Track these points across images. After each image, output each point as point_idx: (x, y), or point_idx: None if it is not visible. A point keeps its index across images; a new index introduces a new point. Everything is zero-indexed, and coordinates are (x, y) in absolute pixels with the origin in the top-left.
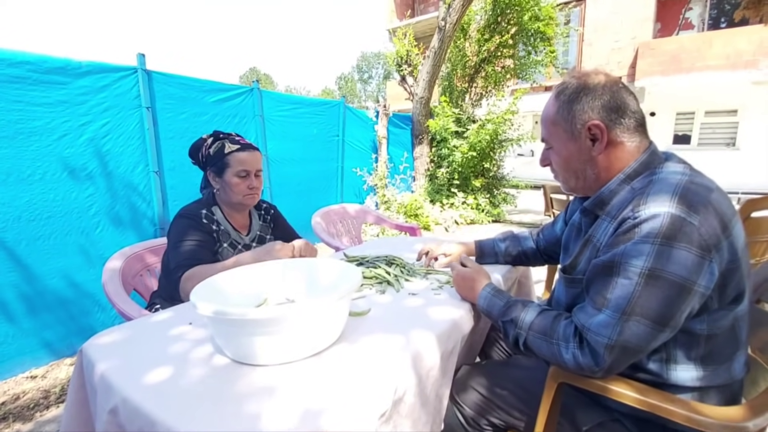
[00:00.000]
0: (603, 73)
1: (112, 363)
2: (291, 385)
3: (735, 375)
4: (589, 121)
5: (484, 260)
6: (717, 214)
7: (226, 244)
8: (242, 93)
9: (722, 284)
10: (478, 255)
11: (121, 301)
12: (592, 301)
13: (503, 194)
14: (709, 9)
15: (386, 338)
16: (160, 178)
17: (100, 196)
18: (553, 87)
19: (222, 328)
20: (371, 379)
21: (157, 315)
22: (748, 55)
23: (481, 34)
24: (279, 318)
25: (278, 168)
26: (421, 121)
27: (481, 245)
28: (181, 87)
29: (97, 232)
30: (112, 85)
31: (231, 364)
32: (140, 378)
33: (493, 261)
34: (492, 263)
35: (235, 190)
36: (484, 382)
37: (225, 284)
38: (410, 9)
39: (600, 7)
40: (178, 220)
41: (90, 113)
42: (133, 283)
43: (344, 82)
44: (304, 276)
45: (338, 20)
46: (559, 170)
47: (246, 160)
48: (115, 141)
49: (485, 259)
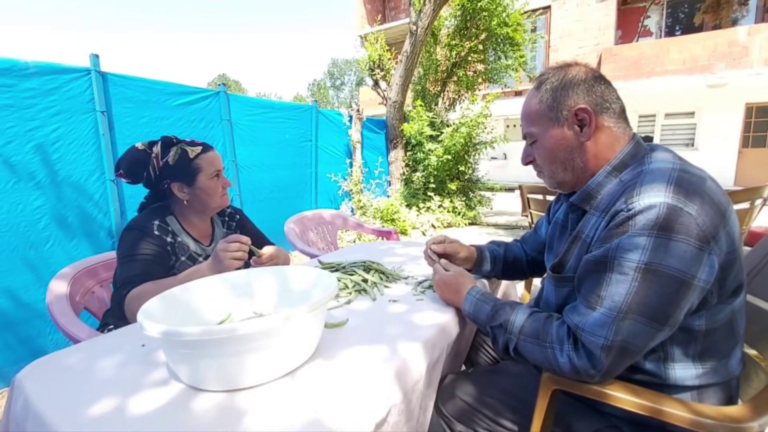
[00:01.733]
0: (582, 63)
1: (48, 395)
2: (260, 411)
3: (732, 371)
4: (576, 106)
5: (483, 266)
6: (713, 203)
7: (184, 258)
8: (208, 96)
9: (722, 277)
10: (477, 260)
11: (67, 323)
12: (585, 299)
13: (479, 197)
14: (665, 17)
15: (367, 351)
16: (117, 186)
17: (51, 207)
18: (525, 91)
19: (176, 351)
20: (351, 400)
21: (105, 337)
22: (703, 60)
23: (452, 39)
24: (244, 336)
25: (248, 174)
26: (396, 125)
27: (479, 250)
28: (141, 90)
29: (48, 247)
30: (63, 88)
31: (189, 392)
32: (81, 411)
33: (490, 268)
34: (488, 273)
35: (211, 194)
36: (471, 391)
37: (181, 300)
38: (381, 15)
39: (564, 15)
40: (127, 232)
41: (38, 118)
42: (83, 302)
43: (316, 89)
44: (274, 286)
45: (309, 27)
46: (544, 163)
47: (216, 159)
48: (67, 147)
49: (484, 266)
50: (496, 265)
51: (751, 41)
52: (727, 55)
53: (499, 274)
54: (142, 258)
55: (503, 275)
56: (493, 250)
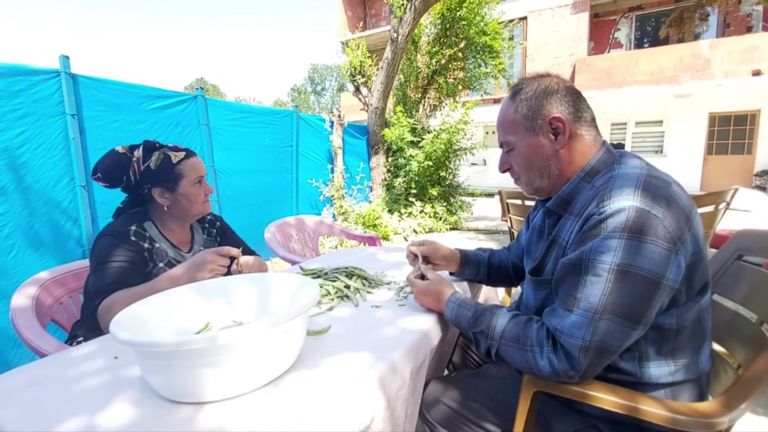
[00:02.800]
0: (554, 74)
1: (11, 414)
2: (241, 423)
3: (702, 368)
4: (550, 115)
5: (467, 269)
6: (678, 206)
7: (162, 264)
8: (185, 100)
9: (688, 276)
10: (461, 262)
11: (33, 336)
12: (562, 302)
13: (459, 202)
14: (634, 30)
15: (350, 358)
16: (88, 192)
17: (15, 214)
18: (504, 98)
19: (151, 363)
20: (334, 409)
21: (74, 350)
22: (670, 71)
23: (432, 46)
24: (223, 345)
25: (227, 180)
26: (377, 131)
27: (464, 252)
28: (114, 93)
29: (12, 257)
30: (29, 90)
31: (166, 405)
32: (50, 429)
33: (474, 272)
34: (473, 276)
35: (193, 201)
36: (454, 396)
37: (155, 309)
38: (362, 22)
39: (540, 26)
40: (101, 238)
41: (2, 121)
42: (50, 313)
43: (297, 94)
44: (255, 294)
45: (289, 32)
46: (521, 171)
47: (198, 165)
48: (34, 152)
49: (468, 269)
50: (480, 269)
51: (713, 54)
52: (692, 67)
53: (485, 278)
54: (117, 265)
55: (489, 280)
56: (478, 255)
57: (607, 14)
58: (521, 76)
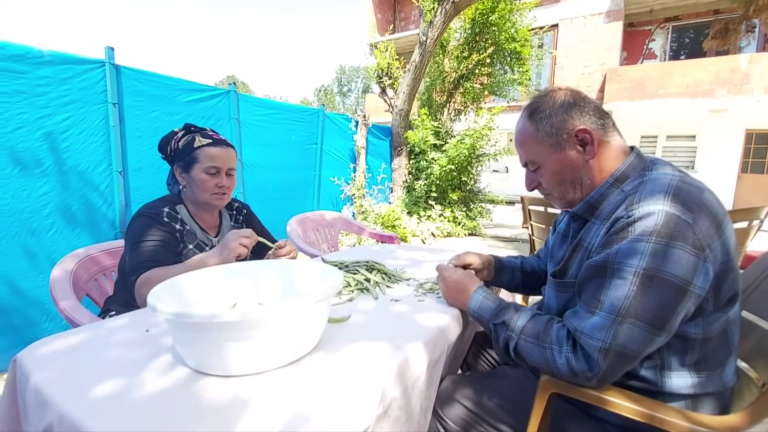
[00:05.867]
0: (563, 88)
1: (50, 375)
2: (264, 398)
3: (727, 382)
4: (575, 128)
5: (502, 276)
6: (710, 213)
7: (192, 246)
8: (218, 95)
9: (717, 285)
10: (497, 269)
11: (69, 307)
12: (585, 303)
13: (479, 208)
14: (670, 41)
15: (368, 346)
16: (124, 178)
17: (56, 195)
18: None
19: (185, 334)
20: (353, 391)
21: (108, 321)
22: (706, 84)
23: (460, 51)
24: (251, 321)
25: (253, 173)
26: (401, 133)
27: (497, 258)
28: (153, 84)
29: (50, 235)
30: (76, 78)
31: (194, 376)
32: (82, 392)
33: (509, 278)
34: (507, 282)
35: (202, 188)
36: (470, 395)
37: (187, 287)
38: (392, 25)
39: (571, 34)
40: (137, 218)
41: (50, 106)
42: (86, 288)
43: (323, 94)
44: (280, 278)
45: (318, 33)
46: (552, 187)
47: (217, 156)
48: (77, 137)
49: (503, 275)
50: (515, 275)
51: (752, 69)
52: (729, 82)
53: (519, 285)
54: (151, 244)
55: (524, 287)
56: (511, 261)
57: (642, 24)
58: (549, 84)
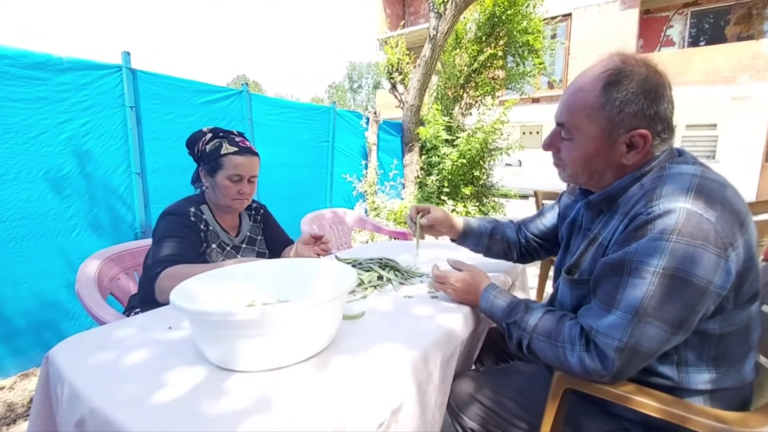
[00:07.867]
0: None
1: (81, 370)
2: (280, 393)
3: (746, 378)
4: (637, 129)
5: (468, 238)
6: (733, 211)
7: (215, 245)
8: (231, 95)
9: (738, 284)
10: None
11: (95, 305)
12: (601, 301)
13: (492, 202)
14: (689, 27)
15: (382, 342)
16: (142, 180)
17: (78, 197)
18: (543, 98)
19: (205, 331)
20: (368, 386)
21: (133, 319)
22: (727, 71)
23: (473, 44)
24: (269, 319)
25: (267, 172)
26: (412, 129)
27: (467, 222)
28: (168, 87)
29: (73, 236)
30: (95, 83)
31: (213, 371)
32: (111, 387)
33: (474, 242)
34: (473, 246)
35: (224, 193)
36: (485, 391)
37: (208, 284)
38: (402, 20)
39: (585, 23)
40: (164, 217)
41: (70, 111)
42: (110, 287)
43: (334, 91)
44: (296, 277)
45: (328, 30)
46: (571, 164)
47: (241, 165)
48: (96, 140)
49: (468, 238)
50: (481, 240)
51: None
52: (752, 67)
53: (483, 250)
54: (176, 240)
55: (487, 251)
56: (482, 225)
57: (659, 10)
58: (562, 75)
